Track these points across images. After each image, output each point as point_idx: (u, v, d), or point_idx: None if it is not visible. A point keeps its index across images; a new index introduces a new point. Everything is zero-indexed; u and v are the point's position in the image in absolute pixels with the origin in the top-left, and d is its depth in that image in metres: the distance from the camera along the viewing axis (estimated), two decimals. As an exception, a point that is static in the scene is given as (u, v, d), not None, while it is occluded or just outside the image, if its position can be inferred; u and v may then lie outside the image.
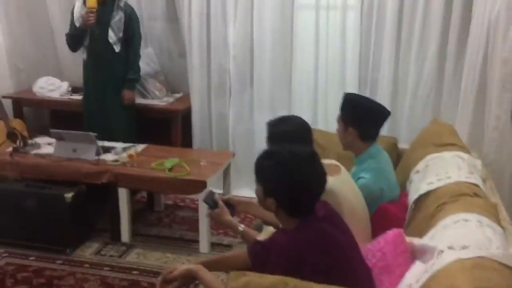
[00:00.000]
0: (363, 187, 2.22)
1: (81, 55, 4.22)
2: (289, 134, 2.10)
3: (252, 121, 3.99)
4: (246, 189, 3.85)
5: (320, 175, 1.71)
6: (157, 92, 4.05)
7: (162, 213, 3.70)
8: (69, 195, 3.05)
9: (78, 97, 4.11)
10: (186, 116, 4.04)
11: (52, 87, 4.20)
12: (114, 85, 3.71)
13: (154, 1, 4.06)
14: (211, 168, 3.20)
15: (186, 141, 4.04)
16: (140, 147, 3.50)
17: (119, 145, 3.47)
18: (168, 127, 3.96)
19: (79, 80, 4.34)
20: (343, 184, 2.10)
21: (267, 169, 1.70)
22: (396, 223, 2.08)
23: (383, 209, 2.26)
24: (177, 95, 4.19)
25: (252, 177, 1.79)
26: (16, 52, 4.45)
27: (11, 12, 4.35)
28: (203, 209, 2.98)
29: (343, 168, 2.19)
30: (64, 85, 4.26)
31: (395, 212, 2.27)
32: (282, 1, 3.69)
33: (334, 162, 2.26)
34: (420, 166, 2.37)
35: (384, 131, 2.64)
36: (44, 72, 4.38)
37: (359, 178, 2.29)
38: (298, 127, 2.18)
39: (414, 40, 3.49)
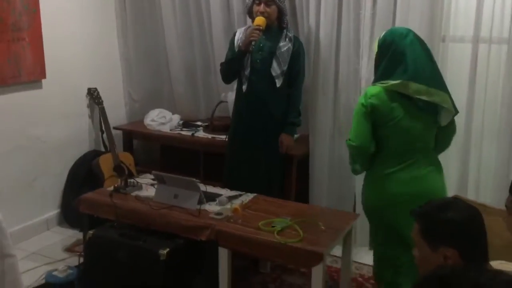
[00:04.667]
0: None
1: (188, 88, 3.95)
2: (457, 226, 1.46)
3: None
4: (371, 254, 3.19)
5: None
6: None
7: (267, 276, 3.16)
8: (163, 252, 2.65)
9: (187, 132, 3.79)
10: (303, 160, 3.49)
11: (163, 120, 3.92)
12: (271, 125, 3.20)
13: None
14: (330, 235, 2.59)
15: (302, 190, 3.48)
16: (248, 197, 3.02)
17: (224, 192, 3.06)
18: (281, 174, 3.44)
19: (191, 113, 4.06)
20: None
21: None
22: None
23: None
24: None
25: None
26: (132, 81, 4.29)
27: (129, 39, 4.21)
28: (317, 279, 2.41)
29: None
30: (176, 118, 3.97)
31: None
32: (430, 32, 2.99)
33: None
34: None
35: None
36: (158, 103, 4.15)
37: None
38: (469, 218, 1.49)
39: None
